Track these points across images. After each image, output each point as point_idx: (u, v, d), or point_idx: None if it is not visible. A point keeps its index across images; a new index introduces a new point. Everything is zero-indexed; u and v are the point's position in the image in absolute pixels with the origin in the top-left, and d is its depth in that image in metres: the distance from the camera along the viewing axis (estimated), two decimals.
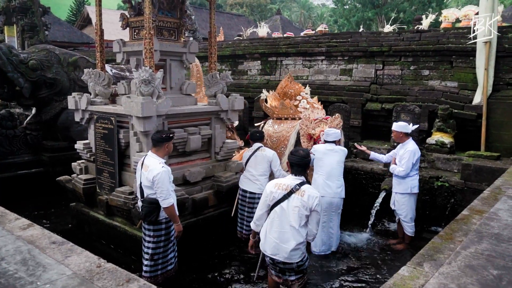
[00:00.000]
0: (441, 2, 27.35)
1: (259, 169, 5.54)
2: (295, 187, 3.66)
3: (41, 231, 3.09)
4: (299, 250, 3.67)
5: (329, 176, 5.37)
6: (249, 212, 5.53)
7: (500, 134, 7.53)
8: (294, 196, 3.64)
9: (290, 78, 7.11)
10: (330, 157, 5.44)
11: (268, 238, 3.74)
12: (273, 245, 3.69)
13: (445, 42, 8.57)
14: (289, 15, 46.64)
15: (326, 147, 5.53)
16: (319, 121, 6.13)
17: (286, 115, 6.72)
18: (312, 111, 6.43)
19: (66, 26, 27.55)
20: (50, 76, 7.93)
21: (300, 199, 3.61)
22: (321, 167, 5.43)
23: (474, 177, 6.62)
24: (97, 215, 5.68)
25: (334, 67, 10.36)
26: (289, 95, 6.96)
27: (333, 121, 6.04)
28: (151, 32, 5.02)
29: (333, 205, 5.40)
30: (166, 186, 4.11)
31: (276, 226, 3.69)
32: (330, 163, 5.40)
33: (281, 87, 7.06)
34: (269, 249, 3.73)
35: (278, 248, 3.67)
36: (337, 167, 5.43)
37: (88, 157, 5.90)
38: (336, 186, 5.37)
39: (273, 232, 3.71)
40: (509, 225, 2.87)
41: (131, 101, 4.95)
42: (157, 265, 4.34)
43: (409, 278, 2.12)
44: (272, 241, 3.69)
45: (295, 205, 3.62)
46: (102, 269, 2.43)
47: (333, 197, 5.36)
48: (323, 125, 6.03)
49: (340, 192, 5.42)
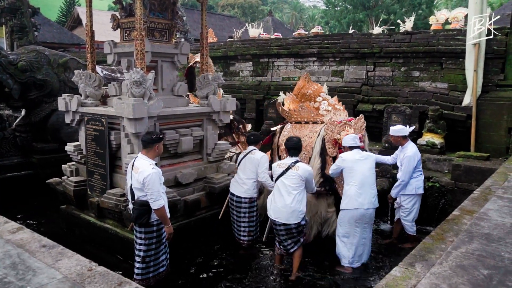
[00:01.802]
0: (431, 4, 27.62)
1: (247, 172, 5.38)
2: (291, 164, 4.75)
3: (31, 235, 3.05)
4: (296, 213, 4.63)
5: (362, 185, 4.97)
6: (238, 216, 5.45)
7: (489, 134, 7.62)
8: (290, 171, 4.71)
9: (307, 78, 6.48)
10: (361, 164, 5.03)
11: (272, 205, 4.78)
12: (276, 210, 4.72)
13: (435, 43, 8.66)
14: (280, 16, 46.77)
15: (355, 155, 5.10)
16: (343, 124, 5.55)
17: (306, 118, 6.06)
18: (334, 114, 5.93)
19: (56, 27, 27.32)
20: (39, 77, 7.85)
21: (295, 173, 4.68)
22: (352, 177, 5.01)
23: (464, 177, 6.70)
24: (88, 217, 5.63)
25: (326, 68, 10.41)
26: (307, 96, 6.30)
27: (357, 123, 5.56)
28: (142, 33, 4.99)
29: (367, 216, 5.01)
30: (157, 188, 4.09)
31: (278, 195, 4.74)
32: (361, 171, 5.00)
33: (298, 88, 6.44)
34: (273, 213, 4.75)
35: (280, 212, 4.68)
36: (370, 175, 5.05)
37: (78, 159, 5.85)
38: (370, 196, 4.99)
39: (276, 200, 4.74)
40: (499, 225, 2.90)
41: (122, 103, 4.91)
42: (149, 268, 4.31)
43: (401, 279, 2.13)
44: (275, 207, 4.72)
45: (291, 175, 4.68)
46: (93, 272, 2.41)
47: (367, 208, 4.96)
48: (348, 128, 5.51)
49: (374, 202, 5.04)
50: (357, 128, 5.49)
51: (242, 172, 5.42)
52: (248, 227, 5.43)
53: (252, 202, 5.43)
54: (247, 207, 5.39)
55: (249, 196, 5.37)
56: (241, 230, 5.46)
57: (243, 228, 5.43)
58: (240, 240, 5.51)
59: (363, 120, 5.59)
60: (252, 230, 5.46)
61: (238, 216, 5.44)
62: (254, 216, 5.48)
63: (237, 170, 5.60)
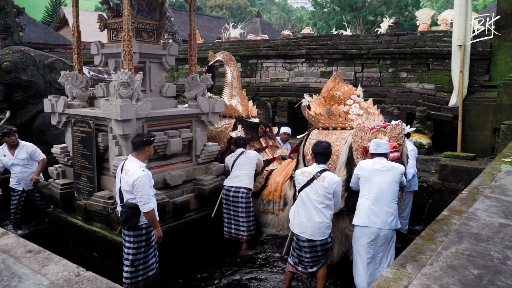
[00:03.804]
0: (417, 5, 27.95)
1: (244, 170, 5.58)
2: (316, 174, 4.32)
3: (16, 240, 2.98)
4: (323, 229, 4.24)
5: (376, 200, 4.23)
6: (235, 211, 5.49)
7: (476, 135, 7.72)
8: (316, 182, 4.29)
9: (337, 78, 5.77)
10: (379, 176, 4.26)
11: (296, 218, 4.39)
12: (300, 224, 4.33)
13: (422, 45, 8.74)
14: (268, 17, 46.87)
15: (375, 163, 4.36)
16: (376, 130, 4.83)
17: (334, 124, 5.38)
18: (367, 118, 5.14)
19: (41, 27, 26.93)
20: (25, 78, 7.73)
21: (321, 185, 4.25)
22: (367, 189, 4.32)
23: (451, 177, 6.78)
24: (75, 220, 5.55)
25: (314, 69, 10.44)
26: (337, 99, 5.54)
27: (393, 130, 4.76)
28: (130, 33, 4.94)
29: (380, 237, 4.22)
30: (147, 190, 4.04)
31: (302, 208, 4.35)
32: (378, 184, 4.25)
33: (327, 89, 5.70)
34: (297, 227, 4.36)
35: (305, 227, 4.28)
36: (388, 190, 4.23)
37: (65, 161, 5.77)
38: (386, 215, 4.20)
39: (301, 214, 4.35)
40: (487, 225, 2.93)
41: (110, 104, 4.86)
42: (138, 271, 4.25)
43: (392, 280, 2.14)
44: (299, 221, 4.34)
45: (317, 189, 4.26)
46: (81, 278, 2.36)
47: (380, 228, 4.19)
48: (381, 135, 4.79)
49: (391, 223, 4.22)
50: (393, 136, 4.73)
51: (239, 170, 5.55)
52: (246, 222, 5.46)
53: (249, 197, 5.51)
54: (244, 201, 5.45)
55: (246, 186, 5.46)
56: (240, 225, 5.48)
57: (241, 223, 5.45)
58: (239, 236, 5.52)
59: (402, 127, 4.79)
60: (250, 225, 5.48)
61: (235, 211, 5.45)
62: (251, 211, 5.56)
63: (232, 170, 5.60)
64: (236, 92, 6.92)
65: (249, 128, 6.46)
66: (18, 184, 6.08)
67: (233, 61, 7.02)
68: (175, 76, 13.47)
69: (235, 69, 7.04)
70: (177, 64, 12.60)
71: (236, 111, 6.63)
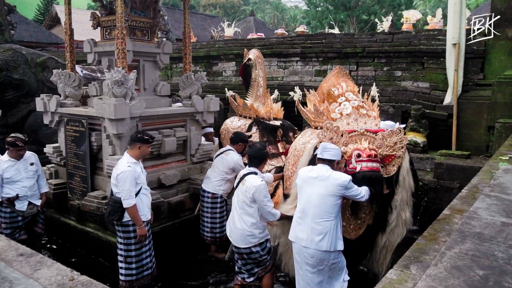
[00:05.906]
0: (410, 5, 28.04)
1: (214, 173, 5.23)
2: (242, 177, 4.02)
3: (7, 243, 2.89)
4: (244, 236, 3.91)
5: (302, 214, 3.60)
6: (202, 211, 5.27)
7: (470, 133, 7.74)
8: (240, 186, 4.01)
9: (340, 73, 4.96)
10: (310, 186, 3.59)
11: (229, 222, 4.17)
12: (228, 228, 4.15)
13: (416, 43, 8.73)
14: (262, 16, 46.76)
15: (312, 170, 3.66)
16: (359, 134, 4.01)
17: (321, 123, 4.50)
18: (355, 120, 4.31)
19: (33, 25, 26.56)
20: (16, 77, 7.62)
21: (242, 188, 3.94)
22: (298, 200, 3.73)
23: (446, 175, 6.77)
24: (68, 221, 5.46)
25: (309, 68, 10.40)
26: (333, 96, 4.67)
27: (385, 138, 3.93)
28: (123, 31, 4.86)
29: (307, 257, 3.55)
30: (127, 186, 4.01)
31: (232, 211, 4.10)
32: (307, 195, 3.60)
33: (326, 85, 4.88)
34: (228, 231, 4.16)
35: (230, 232, 4.09)
36: (317, 203, 3.51)
37: (58, 161, 5.68)
38: (311, 232, 3.50)
39: (231, 217, 4.13)
40: (489, 224, 2.89)
41: (103, 103, 4.78)
42: (131, 270, 4.21)
43: (397, 282, 2.09)
44: (229, 224, 4.15)
45: (239, 193, 3.99)
46: (75, 282, 2.28)
47: (305, 246, 3.53)
48: (363, 141, 3.95)
49: (318, 242, 3.46)
50: (385, 144, 3.92)
51: (211, 171, 5.30)
52: (211, 223, 5.24)
53: (215, 198, 5.20)
54: (209, 202, 5.21)
55: (211, 191, 5.18)
56: (204, 225, 5.31)
57: (206, 224, 5.27)
58: (203, 236, 5.36)
59: (401, 136, 3.94)
60: (214, 227, 5.25)
61: (202, 211, 5.30)
62: (217, 213, 5.24)
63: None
64: (262, 93, 6.45)
65: (265, 130, 5.88)
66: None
67: (262, 60, 6.70)
68: (169, 74, 13.37)
69: (262, 69, 6.53)
70: (171, 62, 12.50)
71: (255, 112, 6.13)
